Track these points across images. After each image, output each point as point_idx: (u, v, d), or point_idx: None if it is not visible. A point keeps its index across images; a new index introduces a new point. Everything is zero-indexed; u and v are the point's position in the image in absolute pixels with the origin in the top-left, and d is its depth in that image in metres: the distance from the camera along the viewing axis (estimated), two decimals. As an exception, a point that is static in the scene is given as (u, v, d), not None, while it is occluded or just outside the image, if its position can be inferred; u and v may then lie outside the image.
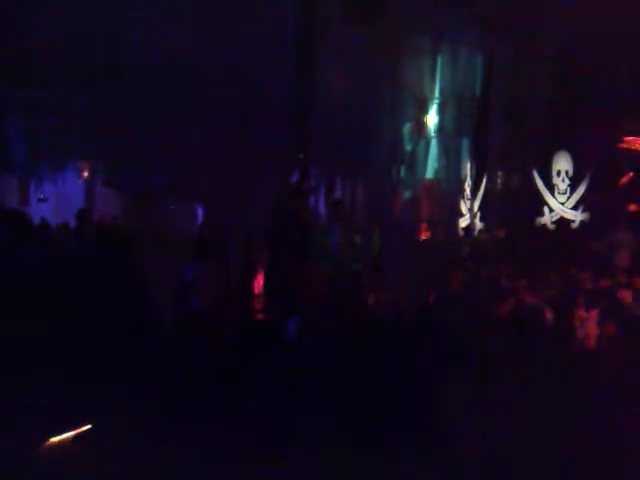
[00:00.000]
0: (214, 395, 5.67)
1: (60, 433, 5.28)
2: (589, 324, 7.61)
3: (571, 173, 12.48)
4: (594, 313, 7.71)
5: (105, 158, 10.47)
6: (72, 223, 10.62)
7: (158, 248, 7.84)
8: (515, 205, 11.73)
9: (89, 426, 5.42)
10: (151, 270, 7.04)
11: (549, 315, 7.85)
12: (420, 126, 10.70)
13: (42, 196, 11.92)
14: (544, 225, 12.66)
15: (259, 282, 8.79)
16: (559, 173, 12.63)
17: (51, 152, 10.79)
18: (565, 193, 12.59)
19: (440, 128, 10.68)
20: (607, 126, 11.34)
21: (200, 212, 10.09)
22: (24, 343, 5.71)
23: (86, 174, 11.49)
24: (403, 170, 10.49)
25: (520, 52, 10.36)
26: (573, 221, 12.52)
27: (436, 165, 10.74)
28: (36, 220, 10.32)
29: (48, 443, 5.17)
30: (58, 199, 11.39)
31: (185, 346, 6.31)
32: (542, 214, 12.72)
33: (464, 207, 12.32)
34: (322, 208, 11.15)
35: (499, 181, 11.90)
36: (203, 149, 9.42)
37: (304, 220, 9.80)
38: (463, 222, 12.19)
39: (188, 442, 5.13)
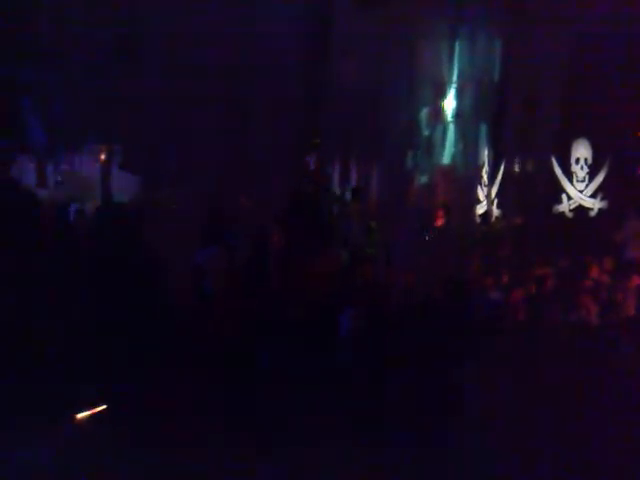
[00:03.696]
0: (223, 383, 5.65)
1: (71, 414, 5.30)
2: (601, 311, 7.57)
3: (590, 161, 12.35)
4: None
5: (121, 141, 10.49)
6: (87, 206, 10.64)
7: (171, 231, 7.84)
8: (533, 192, 11.63)
9: (104, 406, 5.43)
10: (163, 254, 7.04)
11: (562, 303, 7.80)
12: (437, 111, 10.64)
13: (60, 178, 11.96)
14: (562, 213, 12.56)
15: (273, 267, 8.77)
16: (578, 161, 12.50)
17: (69, 135, 10.83)
18: (583, 181, 12.46)
19: (458, 113, 10.62)
20: (627, 113, 11.20)
21: (214, 196, 10.09)
22: (30, 328, 5.73)
23: (103, 157, 11.52)
24: (420, 155, 10.45)
25: (540, 37, 10.27)
26: (591, 209, 12.41)
27: (453, 150, 10.69)
28: (53, 202, 10.36)
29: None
30: (74, 182, 11.42)
31: (196, 331, 6.30)
32: (560, 202, 12.61)
33: (481, 193, 12.25)
34: (337, 192, 11.12)
35: (517, 168, 11.81)
36: (219, 133, 9.42)
37: (319, 204, 9.78)
38: (480, 209, 12.11)
39: (199, 430, 5.12)
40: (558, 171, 12.43)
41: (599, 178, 12.18)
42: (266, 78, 9.37)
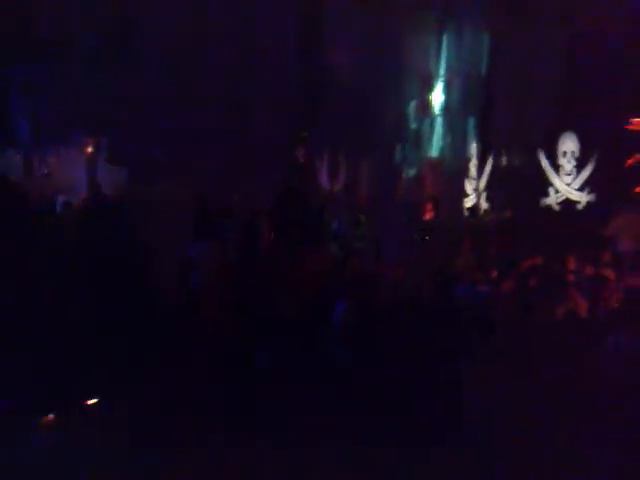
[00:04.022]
0: (212, 380, 5.63)
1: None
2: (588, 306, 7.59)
3: (577, 154, 12.37)
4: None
5: (108, 135, 10.44)
6: (74, 200, 10.59)
7: (160, 226, 7.81)
8: (520, 185, 11.66)
9: (95, 400, 5.41)
10: (153, 248, 7.01)
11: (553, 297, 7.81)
12: (425, 105, 10.64)
13: (45, 171, 11.92)
14: (549, 206, 12.58)
15: (262, 261, 8.75)
16: (565, 154, 12.52)
17: (54, 128, 10.77)
18: (571, 174, 12.47)
19: (445, 107, 10.62)
20: (614, 107, 11.22)
21: (204, 190, 10.06)
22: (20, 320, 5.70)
23: (89, 150, 11.46)
24: (408, 148, 10.45)
25: (528, 31, 10.28)
26: (579, 202, 12.44)
27: (441, 144, 10.69)
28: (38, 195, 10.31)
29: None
30: (61, 175, 11.37)
31: (184, 328, 6.27)
32: (547, 195, 12.63)
33: (469, 187, 12.27)
34: (325, 186, 11.11)
35: (505, 161, 11.83)
36: (208, 128, 9.39)
37: (307, 198, 9.77)
38: (468, 202, 12.13)
39: (193, 427, 5.11)
40: (545, 164, 12.46)
41: (586, 171, 12.20)
42: (253, 72, 9.33)
